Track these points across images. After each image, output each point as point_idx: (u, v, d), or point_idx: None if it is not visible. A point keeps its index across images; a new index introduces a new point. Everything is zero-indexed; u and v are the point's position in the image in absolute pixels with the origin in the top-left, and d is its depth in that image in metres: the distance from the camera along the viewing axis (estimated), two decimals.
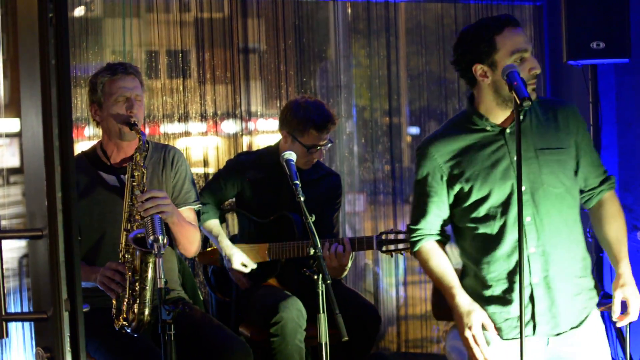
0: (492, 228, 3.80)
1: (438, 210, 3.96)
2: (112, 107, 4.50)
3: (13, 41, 5.65)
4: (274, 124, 6.68)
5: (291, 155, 4.47)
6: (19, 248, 5.87)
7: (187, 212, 4.69)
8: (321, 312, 3.92)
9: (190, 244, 4.62)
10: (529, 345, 3.76)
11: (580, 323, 3.82)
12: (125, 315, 4.14)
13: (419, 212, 3.99)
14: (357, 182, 6.92)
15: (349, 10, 6.99)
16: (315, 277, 3.93)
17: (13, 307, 5.67)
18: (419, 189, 3.98)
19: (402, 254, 5.24)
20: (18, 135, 6.05)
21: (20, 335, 5.66)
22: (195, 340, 4.39)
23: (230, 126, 6.61)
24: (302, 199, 4.14)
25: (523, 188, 3.68)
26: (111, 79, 4.51)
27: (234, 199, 5.60)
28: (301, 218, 4.93)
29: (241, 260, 5.31)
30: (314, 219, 4.10)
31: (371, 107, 6.91)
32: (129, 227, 4.30)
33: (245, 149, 6.56)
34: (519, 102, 3.46)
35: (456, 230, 4.03)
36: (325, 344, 3.96)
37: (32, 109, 2.67)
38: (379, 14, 6.84)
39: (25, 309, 5.66)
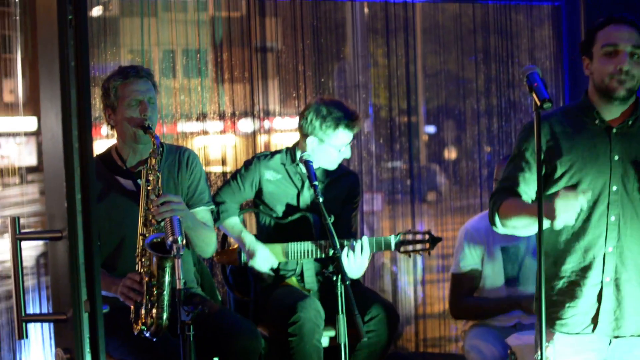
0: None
1: (526, 187, 3.91)
2: (125, 110, 4.50)
3: (32, 42, 5.66)
4: (291, 122, 6.67)
5: (310, 157, 4.46)
6: (36, 246, 5.89)
7: (203, 213, 4.70)
8: (340, 312, 3.91)
9: (207, 245, 4.64)
10: (588, 342, 3.78)
11: None
12: (143, 320, 4.15)
13: (508, 184, 3.93)
14: (375, 181, 6.91)
15: (367, 10, 6.99)
16: (335, 278, 3.93)
17: (32, 306, 5.69)
18: (514, 163, 3.93)
19: (420, 254, 5.22)
20: (35, 134, 6.07)
21: (40, 335, 5.67)
22: (204, 327, 4.39)
23: (247, 125, 6.61)
24: (321, 200, 4.14)
25: (614, 188, 3.72)
26: (124, 83, 4.51)
27: (251, 199, 5.59)
28: (320, 219, 4.92)
29: (264, 254, 5.29)
30: (332, 219, 4.09)
31: (389, 107, 6.90)
32: (145, 232, 4.30)
33: (262, 147, 6.56)
34: (538, 103, 3.45)
35: None
36: (345, 344, 3.95)
37: (52, 110, 2.68)
38: (397, 14, 6.82)
39: (44, 308, 5.67)
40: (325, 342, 5.18)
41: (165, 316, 4.10)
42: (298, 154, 4.98)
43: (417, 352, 6.90)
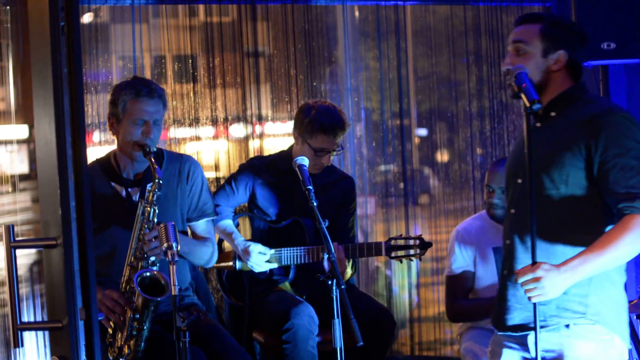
0: None
1: None
2: (129, 126, 4.47)
3: (23, 49, 5.65)
4: (283, 127, 6.67)
5: (304, 160, 4.46)
6: (29, 255, 5.87)
7: (204, 225, 4.69)
8: (336, 317, 3.91)
9: (203, 260, 4.67)
10: None
11: None
12: (120, 345, 4.15)
13: None
14: (368, 185, 6.91)
15: (357, 14, 6.99)
16: (330, 282, 3.92)
17: (26, 314, 5.67)
18: None
19: (411, 260, 5.22)
20: (27, 141, 6.05)
21: (35, 344, 5.65)
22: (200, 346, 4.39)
23: (239, 130, 6.60)
24: (314, 204, 4.13)
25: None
26: (134, 100, 4.46)
27: (246, 204, 5.59)
28: (313, 223, 4.92)
29: (258, 248, 5.28)
30: (327, 223, 4.09)
31: (381, 110, 6.90)
32: (133, 262, 4.28)
33: (254, 152, 6.56)
34: (527, 104, 3.45)
35: None
36: (340, 349, 3.95)
37: (45, 118, 2.67)
38: (388, 17, 6.83)
39: (39, 317, 5.65)
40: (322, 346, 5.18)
41: (142, 348, 4.13)
42: (293, 158, 4.96)
43: (412, 356, 6.90)
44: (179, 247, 3.75)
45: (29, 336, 5.51)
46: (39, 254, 5.04)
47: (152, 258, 4.25)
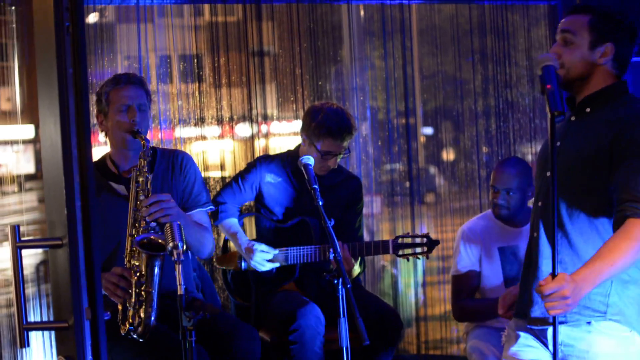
0: None
1: None
2: (115, 116, 4.53)
3: (29, 50, 5.66)
4: (288, 127, 6.67)
5: (309, 160, 4.46)
6: (36, 255, 5.88)
7: (199, 215, 4.70)
8: (342, 316, 3.90)
9: (201, 245, 4.63)
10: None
11: None
12: (131, 320, 4.14)
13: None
14: (374, 184, 6.91)
15: (363, 13, 6.99)
16: (336, 281, 3.92)
17: (33, 314, 5.68)
18: None
19: (419, 258, 5.22)
20: (33, 141, 6.06)
21: (41, 344, 5.66)
22: (203, 330, 4.38)
23: (245, 129, 6.61)
24: (320, 203, 4.13)
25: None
26: (115, 89, 4.56)
27: (252, 202, 5.59)
28: (320, 223, 4.92)
29: (261, 247, 5.29)
30: (333, 223, 4.09)
31: (386, 109, 6.90)
32: (134, 233, 4.31)
33: (260, 152, 6.56)
34: (549, 113, 3.39)
35: None
36: (347, 348, 3.94)
37: (50, 118, 2.67)
38: (393, 16, 6.82)
39: (44, 317, 5.66)
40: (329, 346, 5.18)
41: (154, 316, 4.09)
42: (299, 157, 4.97)
43: (419, 354, 6.89)
44: (185, 247, 3.75)
45: (35, 336, 5.52)
46: (46, 254, 5.05)
47: (152, 225, 4.26)
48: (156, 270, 4.04)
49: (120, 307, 4.25)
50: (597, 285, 3.49)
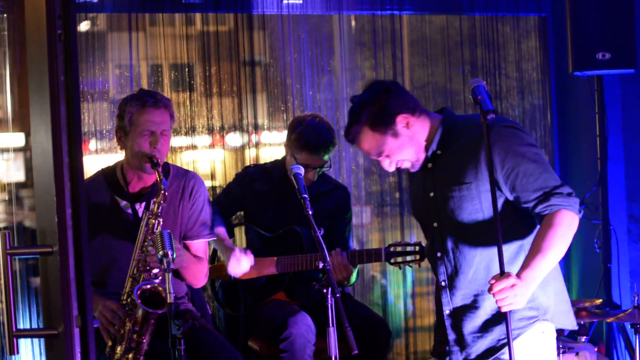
0: None
1: None
2: (136, 138, 4.44)
3: (20, 57, 5.66)
4: (279, 136, 6.68)
5: (300, 169, 4.47)
6: (26, 263, 5.88)
7: (198, 245, 4.69)
8: (330, 325, 3.91)
9: (195, 279, 4.66)
10: None
11: None
12: (118, 358, 4.16)
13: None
14: (364, 194, 6.91)
15: (354, 23, 7.00)
16: (325, 290, 3.92)
17: (22, 323, 5.67)
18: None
19: (411, 266, 5.22)
20: (23, 149, 6.06)
21: (30, 351, 5.66)
22: (190, 348, 4.39)
23: (236, 139, 6.61)
24: (310, 212, 4.13)
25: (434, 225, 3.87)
26: (140, 111, 4.44)
27: (242, 213, 5.59)
28: (310, 232, 4.92)
29: (237, 258, 5.24)
30: (323, 232, 4.09)
31: None
32: (135, 273, 4.29)
33: (251, 161, 6.56)
34: (483, 114, 3.52)
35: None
36: (335, 357, 3.95)
37: (42, 126, 2.68)
38: (384, 27, 6.84)
39: (34, 325, 5.65)
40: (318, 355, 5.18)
41: None
42: (287, 166, 4.99)
43: None
44: (174, 255, 3.75)
45: (24, 344, 5.51)
46: (36, 262, 5.05)
47: (155, 270, 4.25)
48: (151, 325, 4.05)
49: (110, 342, 4.25)
50: (537, 283, 3.62)
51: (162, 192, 4.30)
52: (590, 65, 5.98)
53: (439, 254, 3.87)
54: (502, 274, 3.52)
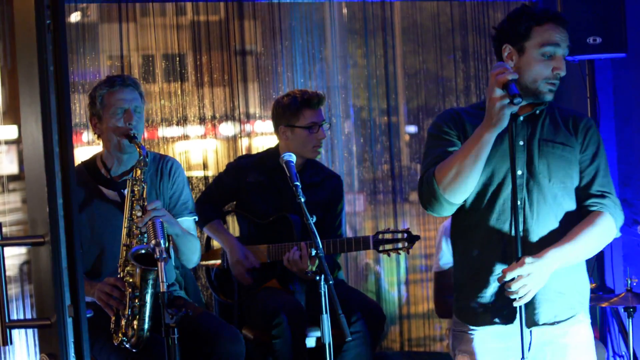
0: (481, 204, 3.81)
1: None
2: (110, 119, 4.49)
3: (10, 50, 5.65)
4: (271, 125, 6.69)
5: (291, 157, 4.46)
6: (20, 255, 5.87)
7: (186, 223, 4.69)
8: (324, 312, 3.91)
9: (192, 253, 4.64)
10: (505, 332, 3.81)
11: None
12: (124, 331, 4.15)
13: (432, 161, 3.76)
14: (357, 182, 6.92)
15: (345, 11, 6.99)
16: (317, 277, 3.92)
17: (16, 314, 5.67)
18: (439, 144, 3.79)
19: (399, 253, 5.22)
20: (16, 142, 6.05)
21: (24, 342, 5.66)
22: (188, 331, 4.39)
23: (228, 129, 6.61)
24: (302, 200, 4.14)
25: (519, 172, 3.71)
26: (109, 92, 4.51)
27: (234, 202, 5.59)
28: (301, 219, 4.92)
29: (239, 253, 5.29)
30: (314, 219, 4.09)
31: (369, 107, 6.91)
32: (128, 242, 4.30)
33: (243, 151, 6.56)
34: (509, 99, 3.45)
35: None
36: (329, 344, 3.95)
37: (32, 116, 2.68)
38: (375, 14, 6.84)
39: (28, 316, 5.66)
40: (312, 342, 5.19)
41: (146, 327, 4.12)
42: (280, 155, 4.99)
43: (402, 352, 6.91)
44: (167, 245, 3.75)
45: (18, 334, 5.51)
46: (29, 254, 5.05)
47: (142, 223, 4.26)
48: (150, 283, 4.04)
49: (113, 317, 4.25)
50: (558, 267, 3.64)
51: (142, 157, 4.32)
52: (581, 50, 5.96)
53: (519, 202, 3.70)
54: (518, 260, 3.56)
